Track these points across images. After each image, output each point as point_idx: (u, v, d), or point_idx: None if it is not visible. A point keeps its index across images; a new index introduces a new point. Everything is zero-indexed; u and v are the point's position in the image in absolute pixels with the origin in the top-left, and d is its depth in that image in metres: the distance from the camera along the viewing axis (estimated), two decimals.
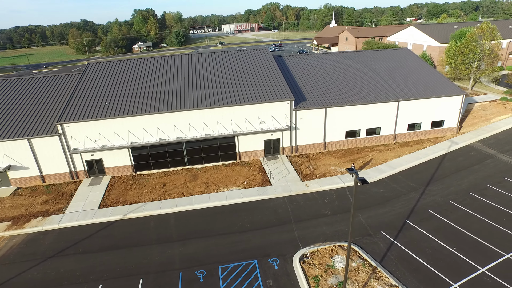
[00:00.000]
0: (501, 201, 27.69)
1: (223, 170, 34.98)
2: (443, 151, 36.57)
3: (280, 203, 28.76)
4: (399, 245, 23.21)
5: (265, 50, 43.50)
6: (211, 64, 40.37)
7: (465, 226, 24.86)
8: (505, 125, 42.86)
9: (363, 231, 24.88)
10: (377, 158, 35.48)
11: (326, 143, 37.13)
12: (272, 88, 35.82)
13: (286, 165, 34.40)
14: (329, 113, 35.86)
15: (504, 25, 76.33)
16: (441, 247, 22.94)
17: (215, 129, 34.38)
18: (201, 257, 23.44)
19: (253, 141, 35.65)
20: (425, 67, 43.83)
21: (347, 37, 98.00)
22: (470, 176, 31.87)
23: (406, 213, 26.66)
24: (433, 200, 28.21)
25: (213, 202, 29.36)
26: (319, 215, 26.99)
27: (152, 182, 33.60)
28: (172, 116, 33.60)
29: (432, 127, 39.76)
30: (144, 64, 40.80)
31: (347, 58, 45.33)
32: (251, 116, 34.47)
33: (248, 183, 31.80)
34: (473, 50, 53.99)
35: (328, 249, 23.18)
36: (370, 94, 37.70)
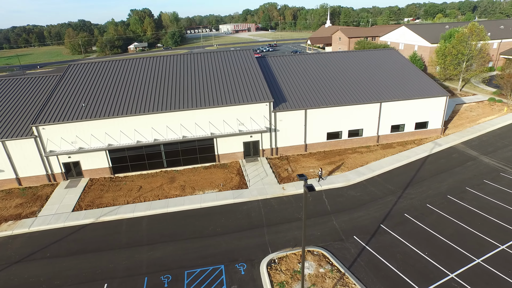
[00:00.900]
0: (479, 205, 27.23)
1: (201, 172, 34.58)
2: (426, 153, 36.14)
3: (254, 207, 28.35)
4: (370, 251, 22.80)
5: (248, 51, 43.10)
6: (193, 66, 39.95)
7: (439, 230, 24.41)
8: (490, 126, 42.41)
9: (335, 235, 24.43)
10: (358, 160, 35.04)
11: (307, 145, 36.70)
12: (252, 89, 35.40)
13: (264, 168, 34.01)
14: (309, 115, 35.43)
15: (496, 25, 75.93)
16: (413, 252, 22.50)
17: (192, 131, 33.96)
18: (169, 261, 23.08)
19: (232, 143, 35.23)
20: (410, 68, 43.30)
21: (340, 37, 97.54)
22: (450, 178, 31.42)
23: (382, 217, 26.23)
24: (410, 204, 27.75)
25: (187, 205, 28.96)
26: (292, 219, 26.55)
27: (129, 184, 33.22)
28: (149, 118, 33.11)
29: (416, 129, 39.31)
30: (126, 66, 40.41)
31: (332, 58, 44.83)
32: (229, 118, 34.04)
33: (225, 185, 31.42)
34: (461, 50, 53.60)
35: (297, 254, 22.74)
36: (352, 95, 37.22)
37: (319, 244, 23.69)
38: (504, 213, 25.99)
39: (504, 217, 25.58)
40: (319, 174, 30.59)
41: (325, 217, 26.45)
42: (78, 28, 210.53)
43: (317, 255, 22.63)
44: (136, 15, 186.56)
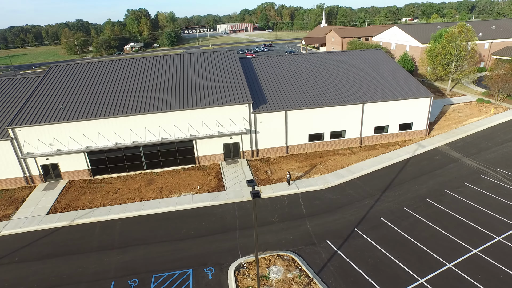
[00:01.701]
0: (456, 208, 26.81)
1: (181, 174, 34.25)
2: (408, 155, 35.78)
3: (229, 210, 28.01)
4: (341, 255, 22.43)
5: (232, 52, 42.75)
6: (174, 67, 39.58)
7: (414, 234, 24.02)
8: (476, 128, 41.99)
9: (308, 239, 24.06)
10: (339, 162, 34.66)
11: (288, 146, 36.34)
12: (232, 91, 35.05)
13: (244, 170, 33.67)
14: (290, 116, 35.04)
15: (487, 26, 75.43)
16: (384, 257, 22.12)
17: (171, 133, 33.65)
18: (138, 265, 22.76)
19: (212, 145, 34.89)
20: (396, 69, 42.83)
21: (333, 37, 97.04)
22: (430, 181, 31.01)
23: (357, 221, 25.84)
24: (387, 207, 27.37)
25: (163, 207, 28.63)
26: (266, 222, 26.18)
27: (107, 187, 32.90)
28: (128, 120, 32.75)
29: (400, 130, 38.90)
30: (107, 67, 40.13)
31: (318, 59, 44.43)
32: (208, 120, 33.67)
33: (202, 188, 31.12)
34: (450, 51, 53.20)
35: (266, 258, 22.40)
36: (334, 96, 36.82)
37: (290, 248, 23.36)
38: (480, 216, 25.61)
39: (480, 220, 25.22)
40: (287, 178, 30.08)
41: (299, 221, 26.11)
42: (75, 28, 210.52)
43: (286, 259, 22.30)
44: (133, 15, 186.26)
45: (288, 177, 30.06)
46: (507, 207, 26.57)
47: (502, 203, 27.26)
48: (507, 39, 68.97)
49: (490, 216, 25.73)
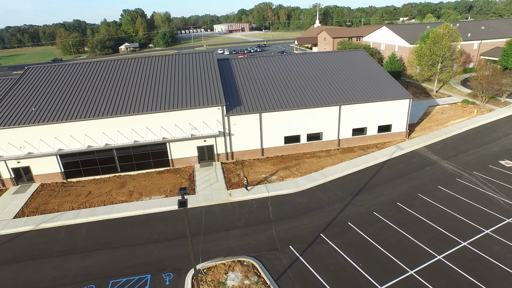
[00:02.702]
0: (426, 212, 26.33)
1: (154, 177, 33.84)
2: (386, 157, 35.27)
3: (196, 214, 27.61)
4: (303, 261, 22.02)
5: (211, 54, 42.31)
6: (150, 69, 39.17)
7: (380, 240, 23.56)
8: (457, 129, 41.50)
9: (271, 245, 23.62)
10: (313, 165, 34.19)
11: (264, 149, 35.90)
12: (206, 93, 34.60)
13: (217, 173, 33.28)
14: (265, 118, 34.58)
15: (477, 26, 74.79)
16: (346, 263, 21.69)
17: (144, 135, 33.30)
18: (97, 270, 22.40)
19: (186, 148, 34.47)
20: (377, 70, 42.28)
21: (325, 37, 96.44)
22: (404, 184, 30.53)
23: (323, 226, 25.41)
24: (356, 212, 26.92)
25: (131, 211, 28.24)
26: (231, 226, 25.80)
27: (79, 190, 32.50)
28: (100, 123, 32.38)
29: (379, 132, 38.42)
30: (82, 69, 39.75)
31: (299, 60, 43.95)
32: (181, 122, 33.26)
33: (172, 191, 30.71)
34: (435, 51, 52.72)
35: (226, 264, 22.04)
36: (311, 98, 36.34)
37: (252, 253, 22.94)
38: (449, 221, 25.13)
39: (448, 225, 24.77)
40: (245, 184, 29.49)
41: (265, 225, 25.66)
42: (72, 28, 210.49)
43: (246, 265, 21.90)
44: (128, 15, 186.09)
45: (245, 183, 29.51)
46: (477, 212, 26.12)
47: (473, 208, 26.80)
48: (496, 39, 68.41)
49: (459, 221, 25.25)
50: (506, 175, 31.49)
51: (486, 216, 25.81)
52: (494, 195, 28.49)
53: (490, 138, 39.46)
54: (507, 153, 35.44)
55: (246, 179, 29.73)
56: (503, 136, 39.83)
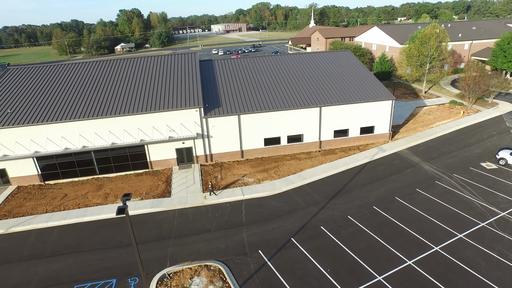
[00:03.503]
0: (402, 216, 25.94)
1: (132, 179, 33.49)
2: (366, 160, 34.92)
3: (169, 217, 27.27)
4: (270, 266, 21.66)
5: (193, 55, 41.93)
6: (130, 71, 38.84)
7: (352, 245, 23.19)
8: (442, 131, 41.09)
9: (240, 249, 23.30)
10: (292, 168, 33.78)
11: (244, 151, 35.53)
12: (184, 95, 34.28)
13: (194, 175, 32.93)
14: (243, 120, 34.25)
15: (468, 26, 74.37)
16: (315, 269, 21.32)
17: (122, 137, 33.00)
18: (63, 275, 22.08)
19: (165, 150, 34.11)
20: (361, 71, 41.84)
21: (318, 37, 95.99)
22: (382, 187, 30.16)
23: (295, 230, 25.02)
24: (330, 215, 26.54)
25: (104, 214, 27.93)
26: (202, 230, 25.45)
27: (55, 192, 32.17)
28: (77, 125, 32.06)
29: (361, 134, 38.01)
30: (62, 71, 39.42)
31: (283, 61, 43.49)
32: (159, 124, 32.95)
33: (148, 194, 30.40)
34: (423, 52, 52.33)
35: (193, 269, 21.71)
36: (292, 99, 35.95)
37: (220, 258, 22.61)
38: (424, 225, 24.76)
39: (422, 229, 24.40)
40: (210, 188, 29.05)
41: (236, 229, 25.33)
42: (68, 28, 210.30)
43: (213, 270, 21.59)
44: (125, 15, 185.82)
45: (210, 188, 29.04)
46: (452, 215, 25.74)
47: (449, 211, 26.43)
48: (487, 40, 68.00)
49: (434, 225, 24.87)
50: (485, 177, 31.12)
51: (461, 220, 25.45)
52: (471, 198, 28.14)
53: (474, 139, 39.13)
54: (489, 155, 35.07)
55: (211, 184, 29.28)
56: (487, 137, 39.45)
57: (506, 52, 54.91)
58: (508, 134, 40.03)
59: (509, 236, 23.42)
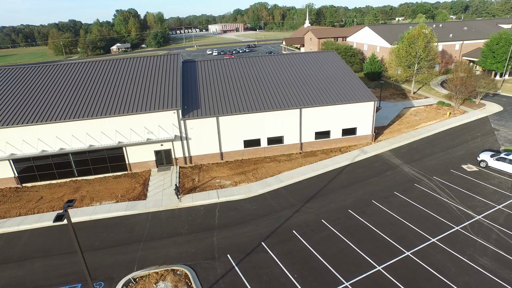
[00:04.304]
0: (377, 220, 25.57)
1: (109, 182, 33.21)
2: (347, 162, 34.59)
3: (142, 220, 26.96)
4: (237, 271, 21.37)
5: (176, 56, 41.58)
6: (109, 73, 38.55)
7: (322, 249, 22.82)
8: (427, 132, 40.71)
9: (209, 253, 22.99)
10: (271, 170, 33.44)
11: (223, 153, 35.24)
12: (162, 97, 33.98)
13: (172, 177, 32.66)
14: (222, 122, 33.93)
15: (460, 26, 73.94)
16: (282, 274, 20.99)
17: (99, 139, 32.78)
18: (29, 280, 21.77)
19: (144, 152, 33.83)
20: (344, 72, 41.45)
21: (311, 37, 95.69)
22: (360, 190, 29.82)
23: (267, 234, 24.65)
24: (304, 219, 26.18)
25: (78, 217, 27.64)
26: (174, 233, 25.16)
27: (31, 195, 31.88)
28: (53, 127, 31.78)
29: (344, 135, 37.71)
30: (40, 72, 39.09)
31: (267, 62, 43.10)
32: (137, 126, 32.65)
33: (124, 196, 30.12)
34: (410, 52, 51.98)
35: (159, 273, 21.43)
36: (272, 100, 35.57)
37: (188, 262, 22.32)
38: (398, 229, 24.37)
39: (396, 234, 24.03)
40: (175, 191, 28.75)
41: (208, 233, 25.02)
42: (65, 28, 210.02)
43: (179, 274, 21.31)
44: (121, 15, 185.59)
45: (175, 191, 28.80)
46: (428, 219, 25.37)
47: (425, 215, 26.06)
48: (478, 40, 67.54)
49: (408, 229, 24.49)
50: (465, 180, 30.78)
51: (436, 224, 25.10)
52: (448, 201, 27.79)
53: (457, 141, 38.74)
54: (471, 157, 34.72)
55: (176, 187, 28.99)
56: (470, 139, 39.11)
57: (495, 52, 54.59)
58: (492, 136, 39.73)
59: (482, 240, 23.17)
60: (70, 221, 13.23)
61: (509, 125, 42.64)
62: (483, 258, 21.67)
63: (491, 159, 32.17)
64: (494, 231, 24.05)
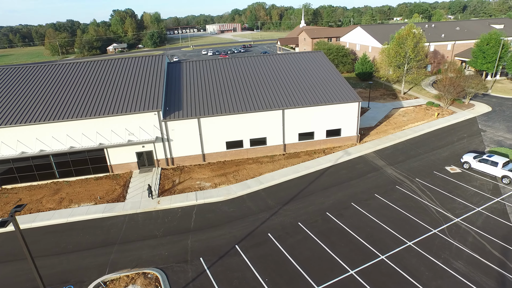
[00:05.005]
0: (354, 223, 25.26)
1: (90, 183, 32.99)
2: (330, 163, 34.28)
3: (119, 222, 26.74)
4: (208, 275, 21.12)
5: (160, 57, 41.35)
6: (92, 74, 38.38)
7: (296, 253, 22.55)
8: (413, 133, 40.41)
9: (182, 256, 22.75)
10: (252, 171, 33.18)
11: (205, 154, 34.98)
12: (144, 98, 33.74)
13: (153, 179, 32.56)
14: (204, 123, 33.69)
15: (453, 27, 73.64)
16: (253, 278, 20.73)
17: (80, 141, 32.56)
18: None
19: (125, 154, 33.63)
20: (330, 72, 41.15)
21: (305, 38, 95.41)
22: (340, 192, 29.52)
23: (242, 237, 24.39)
24: (280, 222, 25.87)
25: (55, 219, 27.41)
26: (149, 236, 24.91)
27: (10, 197, 31.62)
28: (33, 129, 31.55)
29: (328, 136, 37.44)
30: (21, 73, 38.82)
31: (252, 62, 42.83)
32: (118, 128, 32.48)
33: (103, 198, 29.92)
34: (399, 52, 51.70)
35: (130, 276, 21.19)
36: (254, 101, 35.34)
37: (161, 265, 22.11)
38: (375, 232, 24.10)
39: (373, 237, 23.75)
40: (148, 190, 28.76)
41: (183, 235, 24.80)
42: (62, 28, 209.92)
43: (150, 278, 21.08)
44: (118, 15, 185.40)
45: (148, 191, 28.75)
46: (406, 222, 25.06)
47: (403, 217, 25.76)
48: (470, 40, 67.10)
49: (385, 232, 24.21)
50: (447, 182, 30.49)
51: (414, 227, 24.82)
52: (429, 203, 27.52)
53: (443, 142, 38.45)
54: (455, 159, 34.42)
55: (149, 187, 28.92)
56: (456, 140, 38.82)
57: (485, 53, 54.28)
58: (478, 137, 39.45)
59: (458, 243, 22.91)
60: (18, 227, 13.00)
61: (496, 126, 42.49)
62: (457, 261, 21.49)
63: (473, 160, 31.91)
64: (471, 234, 23.83)
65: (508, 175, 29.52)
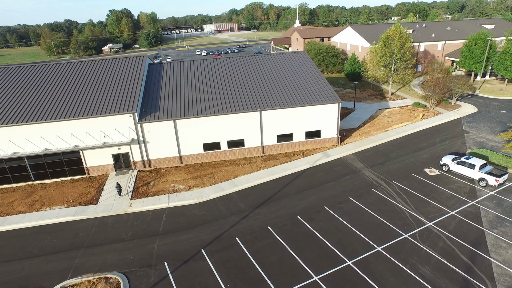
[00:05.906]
0: (324, 227, 24.82)
1: (65, 186, 32.62)
2: (307, 166, 33.83)
3: (88, 225, 26.43)
4: (170, 280, 20.77)
5: (141, 58, 41.01)
6: (68, 75, 38.10)
7: (261, 258, 22.15)
8: (396, 134, 39.99)
9: (146, 261, 22.40)
10: (228, 174, 32.81)
11: (182, 156, 34.64)
12: (120, 99, 33.42)
13: (129, 181, 32.22)
14: (180, 125, 33.36)
15: (443, 27, 73.06)
16: (215, 283, 20.36)
17: (55, 143, 32.28)
18: None
19: (101, 156, 33.32)
20: (312, 73, 40.68)
21: (297, 37, 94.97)
22: (314, 195, 29.09)
23: (209, 241, 24.01)
24: (250, 226, 25.49)
25: (24, 223, 27.08)
26: (116, 240, 24.59)
27: None
28: (6, 131, 31.15)
29: (307, 138, 36.99)
30: (4, 74, 38.72)
31: (232, 63, 42.39)
32: (93, 130, 32.15)
33: (76, 201, 29.58)
34: (386, 52, 51.25)
35: (91, 281, 20.90)
36: (232, 103, 34.98)
37: (124, 269, 21.76)
38: (345, 237, 23.68)
39: (342, 242, 23.31)
40: (117, 190, 28.91)
41: (150, 239, 24.45)
42: (59, 28, 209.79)
43: (111, 282, 20.75)
44: (114, 15, 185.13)
45: (117, 190, 28.89)
46: (378, 226, 24.67)
47: (376, 222, 25.35)
48: (460, 40, 66.33)
49: (355, 237, 23.80)
50: (424, 184, 30.06)
51: (385, 231, 24.39)
52: (403, 207, 27.06)
53: (425, 144, 38.00)
54: (436, 161, 33.94)
55: (118, 186, 28.85)
56: (439, 142, 38.33)
57: (473, 53, 53.79)
58: (461, 138, 38.98)
59: (428, 248, 22.51)
60: None
61: (480, 127, 42.02)
62: (424, 267, 21.08)
63: (452, 162, 31.46)
64: (442, 238, 23.42)
65: (484, 178, 29.15)
